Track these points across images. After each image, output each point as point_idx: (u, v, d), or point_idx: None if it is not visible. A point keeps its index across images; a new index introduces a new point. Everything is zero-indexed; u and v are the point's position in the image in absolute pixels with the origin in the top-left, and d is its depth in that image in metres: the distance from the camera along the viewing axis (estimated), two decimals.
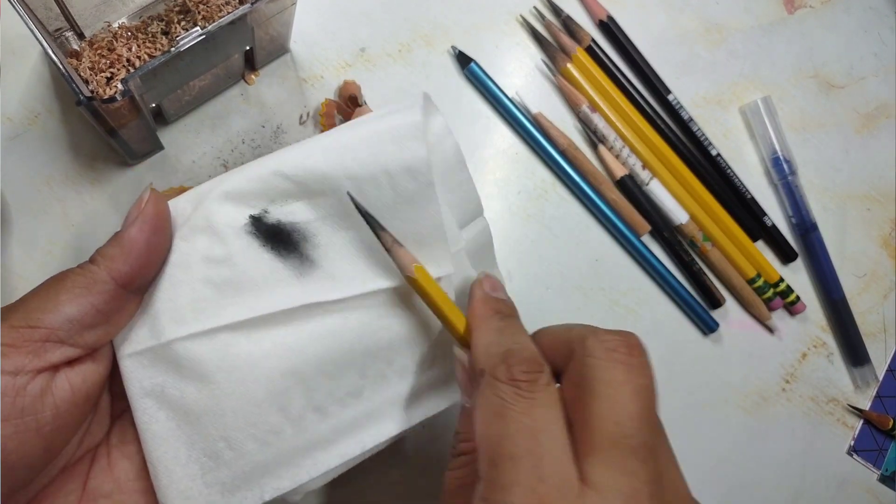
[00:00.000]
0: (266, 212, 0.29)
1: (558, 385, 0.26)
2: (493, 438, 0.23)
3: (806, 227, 0.51)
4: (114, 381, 0.28)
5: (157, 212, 0.27)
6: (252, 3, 0.34)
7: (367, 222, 0.29)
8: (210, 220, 0.28)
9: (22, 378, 0.23)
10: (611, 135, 0.48)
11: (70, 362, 0.25)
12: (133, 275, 0.26)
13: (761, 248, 0.51)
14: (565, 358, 0.26)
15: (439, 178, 0.30)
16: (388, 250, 0.29)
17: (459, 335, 0.29)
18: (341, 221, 0.29)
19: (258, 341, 0.28)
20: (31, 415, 0.24)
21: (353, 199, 0.29)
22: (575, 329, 0.27)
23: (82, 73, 0.38)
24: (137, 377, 0.27)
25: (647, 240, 0.48)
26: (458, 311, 0.29)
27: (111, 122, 0.34)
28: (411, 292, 0.30)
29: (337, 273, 0.29)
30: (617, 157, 0.48)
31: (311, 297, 0.29)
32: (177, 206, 0.29)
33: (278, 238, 0.29)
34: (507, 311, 0.29)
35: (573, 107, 0.48)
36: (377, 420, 0.30)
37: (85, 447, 0.28)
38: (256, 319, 0.28)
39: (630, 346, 0.25)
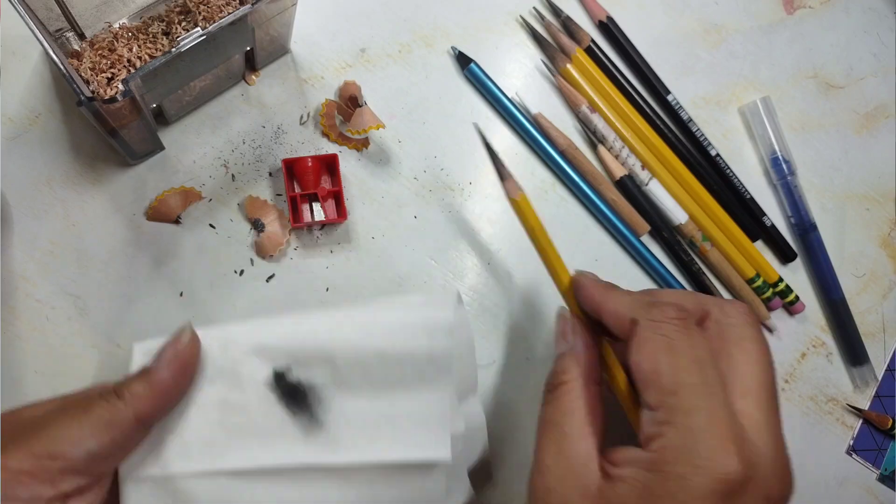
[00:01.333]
0: (289, 369, 0.31)
1: None
2: (668, 370, 0.27)
3: (805, 227, 0.51)
4: (111, 495, 0.29)
5: (192, 355, 0.29)
6: (253, 4, 0.34)
7: (487, 149, 0.37)
8: (235, 368, 0.31)
9: None
10: (610, 135, 0.48)
11: (80, 489, 0.26)
12: (156, 415, 0.28)
13: (760, 248, 0.51)
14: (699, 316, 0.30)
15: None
16: (500, 176, 0.37)
17: (556, 272, 0.35)
18: (357, 392, 0.31)
19: (253, 490, 0.30)
20: None
21: (478, 130, 0.39)
22: (703, 296, 0.32)
23: (83, 74, 0.38)
24: (135, 501, 0.29)
25: (647, 240, 0.48)
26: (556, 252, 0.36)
27: (112, 123, 0.34)
28: (407, 469, 0.31)
29: (342, 439, 0.31)
30: (616, 157, 0.48)
31: (313, 457, 0.31)
32: (203, 342, 0.31)
33: (294, 397, 0.31)
34: (617, 286, 0.33)
35: (573, 107, 0.48)
36: None
37: None
38: (257, 470, 0.30)
39: (753, 314, 0.30)
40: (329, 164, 0.42)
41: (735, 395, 0.27)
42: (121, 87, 0.32)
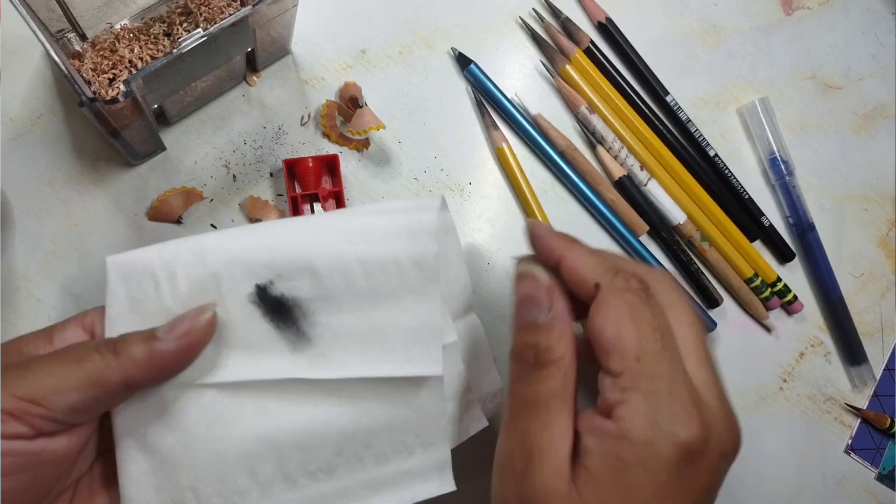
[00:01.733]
0: (272, 283, 0.29)
1: None
2: (632, 337, 0.26)
3: (803, 227, 0.51)
4: (104, 416, 0.29)
5: (205, 336, 0.28)
6: (254, 5, 0.34)
7: (478, 103, 0.41)
8: (218, 283, 0.29)
9: (19, 443, 0.25)
10: (609, 136, 0.48)
11: (60, 431, 0.26)
12: (145, 385, 0.27)
13: (759, 248, 0.51)
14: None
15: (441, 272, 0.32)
16: (486, 126, 0.39)
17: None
18: (343, 305, 0.30)
19: (241, 404, 0.29)
20: (27, 470, 0.25)
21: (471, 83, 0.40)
22: (638, 265, 0.31)
23: (84, 75, 0.38)
24: (124, 417, 0.29)
25: (646, 240, 0.48)
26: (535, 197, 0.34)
27: (114, 123, 0.34)
28: (398, 383, 0.30)
29: (329, 353, 0.30)
30: (615, 157, 0.48)
31: (299, 372, 0.30)
32: (179, 255, 0.29)
33: (279, 311, 0.30)
34: (577, 238, 0.31)
35: (572, 108, 0.49)
36: (347, 500, 0.31)
37: (70, 479, 0.28)
38: (246, 384, 0.29)
39: (674, 279, 0.31)
40: (330, 165, 0.43)
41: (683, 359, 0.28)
42: (122, 87, 0.32)
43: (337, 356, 0.30)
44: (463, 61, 0.47)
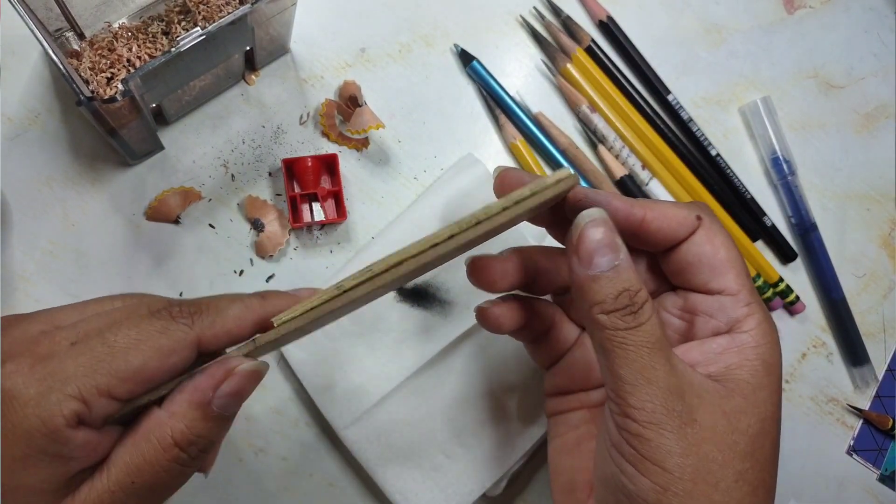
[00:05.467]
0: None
1: None
2: (740, 260, 0.30)
3: (805, 227, 0.51)
4: None
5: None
6: (252, 4, 0.34)
7: (486, 97, 0.46)
8: (371, 306, 0.38)
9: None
10: (610, 135, 0.48)
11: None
12: (213, 346, 0.26)
13: (761, 247, 0.51)
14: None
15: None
16: (498, 123, 0.46)
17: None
18: (453, 266, 0.38)
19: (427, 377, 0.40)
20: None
21: (477, 74, 0.46)
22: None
23: (83, 74, 0.38)
24: (358, 437, 0.38)
25: None
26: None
27: (112, 123, 0.34)
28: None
29: (469, 302, 0.40)
30: (616, 156, 0.48)
31: (459, 328, 0.40)
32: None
33: (422, 297, 0.40)
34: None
35: (573, 107, 0.48)
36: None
37: None
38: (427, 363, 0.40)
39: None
40: (329, 164, 0.42)
41: None
42: (120, 86, 0.32)
43: (472, 302, 0.37)
44: (465, 58, 0.46)
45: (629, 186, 0.47)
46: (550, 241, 0.34)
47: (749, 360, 0.28)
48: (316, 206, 0.42)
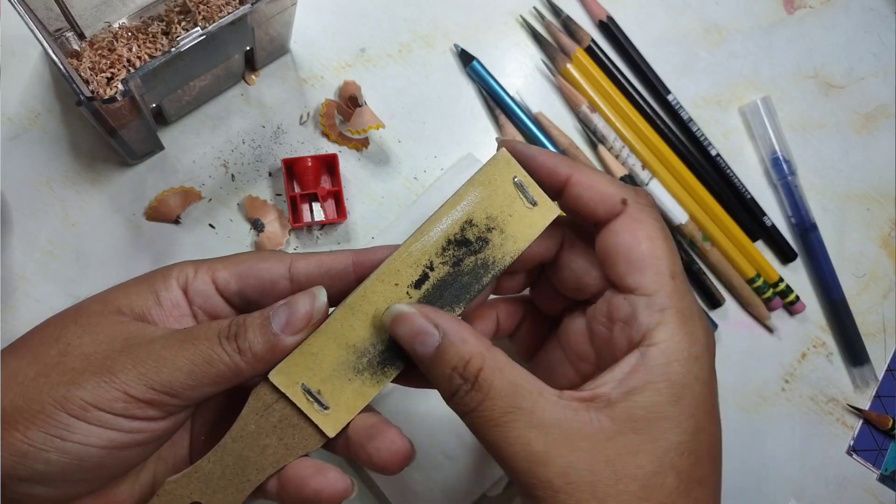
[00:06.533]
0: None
1: None
2: (666, 255, 0.26)
3: (805, 227, 0.51)
4: None
5: (320, 322, 0.27)
6: (252, 4, 0.34)
7: (488, 98, 0.46)
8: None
9: (150, 423, 0.25)
10: (610, 135, 0.48)
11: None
12: (262, 370, 0.26)
13: (761, 248, 0.51)
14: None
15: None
16: (498, 122, 0.45)
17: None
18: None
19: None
20: (149, 444, 0.26)
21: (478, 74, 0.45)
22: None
23: (83, 74, 0.38)
24: None
25: None
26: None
27: (111, 123, 0.34)
28: None
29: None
30: (616, 157, 0.48)
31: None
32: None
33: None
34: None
35: (573, 107, 0.48)
36: None
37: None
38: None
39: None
40: (329, 164, 0.42)
41: None
42: (120, 86, 0.32)
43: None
44: (465, 58, 0.46)
45: None
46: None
47: (653, 382, 0.24)
48: (316, 206, 0.42)
